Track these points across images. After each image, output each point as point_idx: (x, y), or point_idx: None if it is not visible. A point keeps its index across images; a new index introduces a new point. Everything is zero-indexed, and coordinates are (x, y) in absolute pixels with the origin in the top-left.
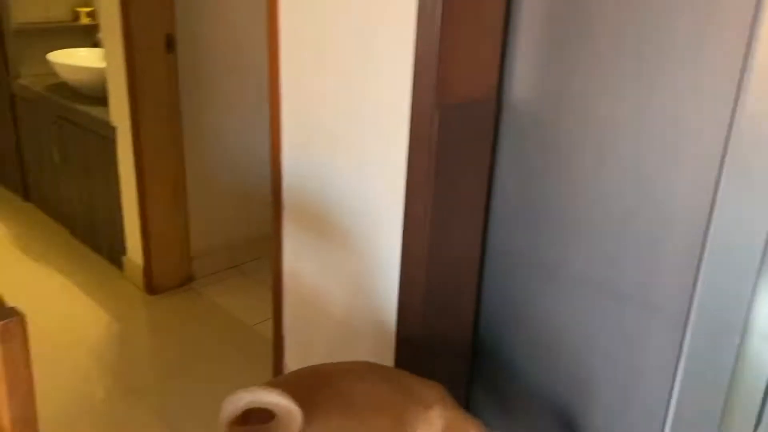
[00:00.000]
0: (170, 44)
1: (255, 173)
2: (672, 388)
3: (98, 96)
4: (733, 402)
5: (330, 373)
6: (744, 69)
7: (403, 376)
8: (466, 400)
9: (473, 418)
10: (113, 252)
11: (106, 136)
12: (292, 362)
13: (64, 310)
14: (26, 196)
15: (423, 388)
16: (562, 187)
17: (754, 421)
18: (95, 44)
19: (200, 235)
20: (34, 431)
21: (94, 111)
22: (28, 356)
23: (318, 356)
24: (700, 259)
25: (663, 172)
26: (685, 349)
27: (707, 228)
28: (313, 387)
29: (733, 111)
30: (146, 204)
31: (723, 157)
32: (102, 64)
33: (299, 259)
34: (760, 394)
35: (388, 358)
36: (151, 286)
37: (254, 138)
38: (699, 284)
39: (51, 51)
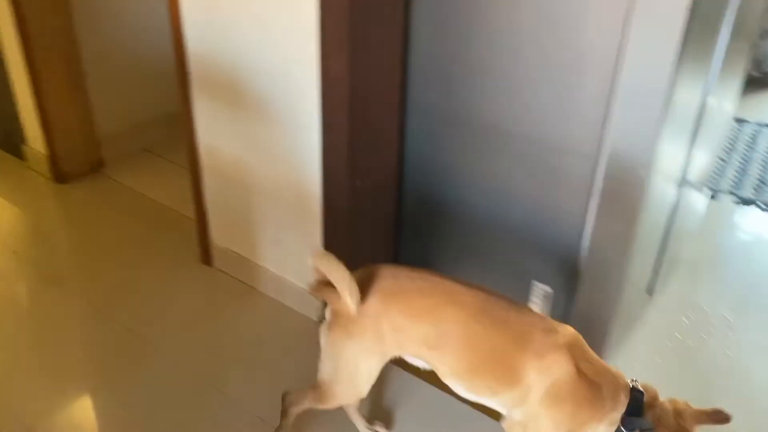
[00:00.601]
0: None
1: (157, 46)
2: (584, 222)
3: None
4: (640, 232)
5: (439, 290)
6: None
7: (518, 315)
8: (395, 255)
9: (603, 364)
10: (11, 141)
11: None
12: (219, 239)
13: None
14: None
15: (537, 333)
16: (478, 38)
17: (657, 248)
18: None
19: (105, 117)
20: None
21: None
22: None
23: (244, 230)
24: (609, 103)
25: (574, 15)
26: (596, 187)
27: (616, 72)
28: (406, 290)
29: None
30: (40, 88)
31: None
32: None
33: (214, 132)
34: (662, 225)
35: (315, 226)
36: (59, 174)
37: (153, 6)
38: (609, 126)
39: None
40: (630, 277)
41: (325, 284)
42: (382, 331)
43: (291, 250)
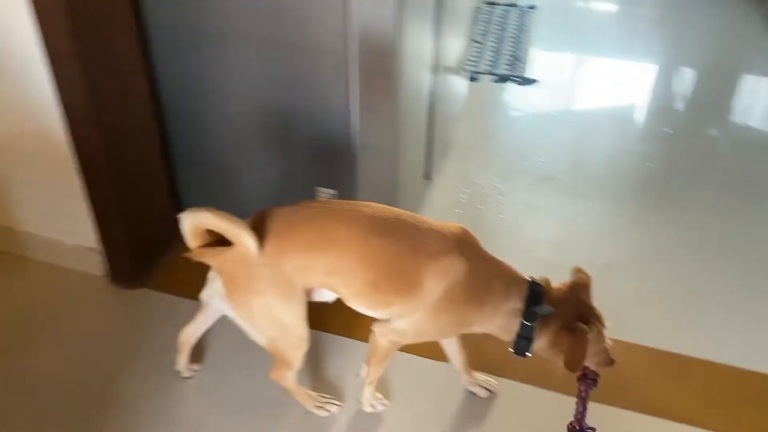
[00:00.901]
0: None
1: None
2: (350, 118)
3: None
4: (404, 120)
5: (321, 216)
6: None
7: (408, 222)
8: (173, 190)
9: (495, 260)
10: None
11: None
12: None
13: None
14: None
15: (429, 237)
16: None
17: (425, 134)
18: None
19: None
20: None
21: None
22: None
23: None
24: None
25: None
26: (352, 83)
27: None
28: (293, 224)
29: None
30: None
31: None
32: None
33: None
34: (425, 111)
35: (71, 176)
36: None
37: None
38: (350, 20)
39: None
40: (405, 165)
41: (206, 247)
42: (287, 274)
43: (51, 206)
